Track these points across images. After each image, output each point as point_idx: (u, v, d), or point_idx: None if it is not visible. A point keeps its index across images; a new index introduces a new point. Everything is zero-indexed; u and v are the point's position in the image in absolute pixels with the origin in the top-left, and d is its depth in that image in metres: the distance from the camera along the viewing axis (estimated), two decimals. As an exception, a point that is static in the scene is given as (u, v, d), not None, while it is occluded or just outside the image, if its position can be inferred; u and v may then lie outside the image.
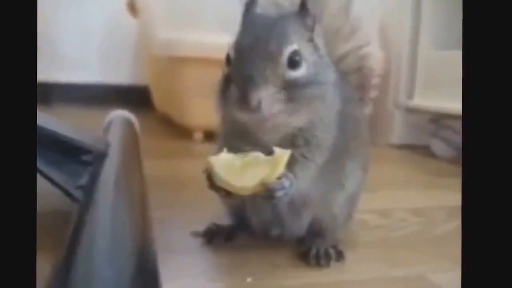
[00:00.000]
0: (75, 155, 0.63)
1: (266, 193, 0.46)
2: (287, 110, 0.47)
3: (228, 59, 0.49)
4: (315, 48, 0.51)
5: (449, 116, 1.44)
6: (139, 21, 1.81)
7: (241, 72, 0.46)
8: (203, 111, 1.39)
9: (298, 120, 0.49)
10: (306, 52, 0.49)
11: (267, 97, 0.45)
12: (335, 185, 0.56)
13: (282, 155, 0.46)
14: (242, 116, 0.47)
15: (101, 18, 2.14)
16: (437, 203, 0.88)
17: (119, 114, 1.11)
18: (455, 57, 1.41)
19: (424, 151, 1.46)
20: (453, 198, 0.93)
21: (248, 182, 0.46)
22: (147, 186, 0.66)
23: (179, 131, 1.53)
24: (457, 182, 1.08)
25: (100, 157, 0.66)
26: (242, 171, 0.47)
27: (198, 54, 1.31)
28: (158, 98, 1.88)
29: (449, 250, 0.64)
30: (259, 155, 0.48)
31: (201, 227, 0.62)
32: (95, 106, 1.76)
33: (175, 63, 1.38)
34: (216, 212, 0.66)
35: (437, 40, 1.49)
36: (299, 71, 0.47)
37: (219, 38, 1.37)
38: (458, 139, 1.48)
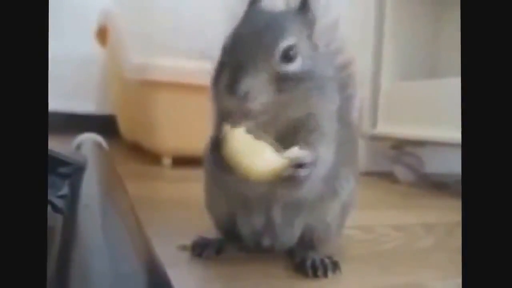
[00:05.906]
0: (53, 167, 0.60)
1: (294, 164, 0.46)
2: (278, 102, 0.46)
3: (224, 47, 0.49)
4: (314, 45, 0.51)
5: (410, 143, 1.51)
6: (109, 48, 1.79)
7: (233, 59, 0.47)
8: (173, 136, 1.38)
9: (294, 111, 0.49)
10: (304, 47, 0.49)
11: (255, 86, 0.45)
12: (329, 191, 0.55)
13: None
14: (229, 103, 0.46)
15: (65, 49, 2.08)
16: (413, 220, 0.90)
17: (88, 136, 1.07)
18: (416, 87, 1.50)
19: (387, 177, 1.50)
20: (426, 215, 0.97)
21: (267, 163, 0.44)
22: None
23: (147, 157, 1.49)
24: (425, 203, 1.15)
25: (79, 169, 0.63)
26: (262, 149, 0.45)
27: (170, 78, 1.30)
28: (125, 125, 1.82)
29: (436, 260, 0.65)
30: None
31: (187, 242, 0.60)
32: (54, 134, 1.67)
33: (146, 88, 1.36)
34: (201, 228, 0.64)
35: (398, 71, 1.59)
36: (293, 65, 0.47)
37: (191, 64, 1.38)
38: (419, 164, 1.55)
